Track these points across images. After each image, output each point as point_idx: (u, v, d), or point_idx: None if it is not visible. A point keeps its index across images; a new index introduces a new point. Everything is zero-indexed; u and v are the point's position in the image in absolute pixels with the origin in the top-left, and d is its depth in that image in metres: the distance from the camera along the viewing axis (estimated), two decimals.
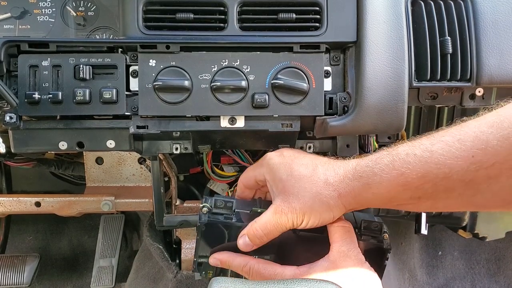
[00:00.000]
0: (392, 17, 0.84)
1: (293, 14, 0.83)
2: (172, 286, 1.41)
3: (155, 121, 0.85)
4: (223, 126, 0.85)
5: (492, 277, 1.85)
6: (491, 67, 0.86)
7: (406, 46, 0.84)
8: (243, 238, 0.78)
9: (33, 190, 1.62)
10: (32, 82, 0.83)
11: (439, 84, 0.88)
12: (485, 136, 0.60)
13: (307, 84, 0.83)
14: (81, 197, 1.38)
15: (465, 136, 0.62)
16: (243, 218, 0.80)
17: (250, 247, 0.77)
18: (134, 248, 1.83)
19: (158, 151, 0.98)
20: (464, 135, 0.62)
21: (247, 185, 0.86)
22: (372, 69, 0.82)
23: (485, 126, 0.60)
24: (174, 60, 0.82)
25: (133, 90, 0.84)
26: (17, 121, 0.83)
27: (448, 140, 0.63)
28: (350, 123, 0.83)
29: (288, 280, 0.65)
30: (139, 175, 1.43)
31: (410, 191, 0.67)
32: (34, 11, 0.92)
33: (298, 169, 0.75)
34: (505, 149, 0.58)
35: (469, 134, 0.61)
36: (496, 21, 0.87)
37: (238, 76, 0.82)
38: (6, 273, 1.49)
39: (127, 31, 0.83)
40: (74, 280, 1.85)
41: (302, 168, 0.75)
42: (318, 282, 0.65)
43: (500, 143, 0.58)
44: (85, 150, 0.89)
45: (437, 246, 1.88)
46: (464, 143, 0.61)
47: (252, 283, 0.65)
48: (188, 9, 0.83)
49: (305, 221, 0.73)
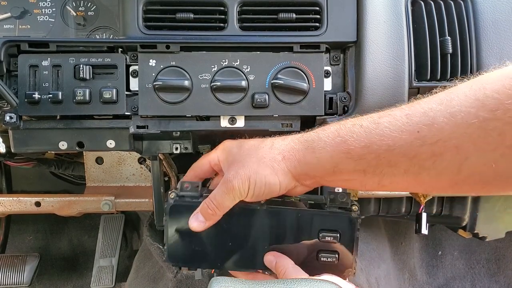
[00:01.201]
0: (392, 17, 0.84)
1: (293, 14, 0.83)
2: (172, 286, 1.41)
3: (155, 121, 0.85)
4: (223, 126, 0.85)
5: (492, 277, 1.85)
6: (491, 67, 0.86)
7: (406, 46, 0.84)
8: (196, 217, 0.76)
9: (33, 190, 1.62)
10: (32, 82, 0.83)
11: (439, 84, 0.88)
12: (432, 113, 0.60)
13: (307, 84, 0.83)
14: (81, 197, 1.38)
15: (414, 111, 0.62)
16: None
17: (203, 225, 0.76)
18: (134, 248, 1.83)
19: (158, 151, 0.98)
20: (413, 111, 0.62)
21: (199, 172, 0.84)
22: (372, 69, 0.82)
23: (435, 103, 0.60)
24: (174, 60, 0.83)
25: (133, 90, 0.84)
26: (17, 121, 0.83)
27: (396, 114, 0.64)
28: None
29: (288, 280, 0.65)
30: (139, 175, 1.43)
31: (353, 160, 0.66)
32: (34, 11, 0.92)
33: (248, 142, 0.77)
34: (451, 126, 0.58)
35: (417, 110, 0.61)
36: (496, 21, 0.87)
37: (238, 76, 0.82)
38: (6, 273, 1.49)
39: (127, 31, 0.83)
40: (74, 280, 1.85)
41: (252, 141, 0.77)
42: (318, 282, 0.65)
43: (447, 120, 0.58)
44: (85, 150, 0.89)
45: (437, 246, 1.88)
46: (411, 118, 0.62)
47: (252, 283, 0.65)
48: (188, 9, 0.83)
49: (251, 188, 0.72)
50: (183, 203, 0.80)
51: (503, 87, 0.55)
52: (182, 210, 0.79)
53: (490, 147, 0.56)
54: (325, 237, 0.78)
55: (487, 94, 0.56)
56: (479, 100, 0.56)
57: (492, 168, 0.57)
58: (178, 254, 0.81)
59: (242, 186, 0.72)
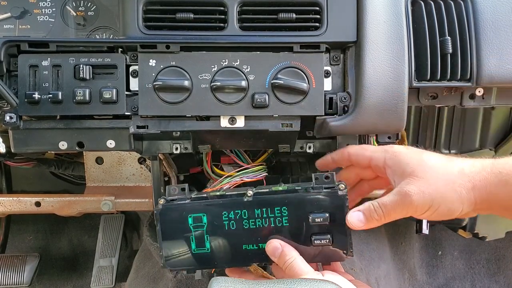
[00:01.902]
0: (392, 17, 0.84)
1: (293, 14, 0.83)
2: (172, 285, 1.41)
3: (155, 121, 0.85)
4: (223, 126, 0.85)
5: (492, 277, 1.85)
6: (491, 67, 0.86)
7: (406, 46, 0.84)
8: (357, 214, 0.74)
9: (33, 190, 1.62)
10: (32, 82, 0.83)
11: (439, 84, 0.88)
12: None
13: (307, 84, 0.83)
14: (81, 197, 1.38)
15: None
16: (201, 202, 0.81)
17: (361, 225, 0.74)
18: (134, 248, 1.83)
19: (158, 151, 0.98)
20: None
21: (355, 160, 0.82)
22: (372, 69, 0.82)
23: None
24: (174, 60, 0.82)
25: (133, 90, 0.84)
26: (17, 121, 0.83)
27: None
28: (350, 123, 0.83)
29: (288, 280, 0.65)
30: (139, 175, 1.43)
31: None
32: (34, 11, 0.92)
33: (429, 157, 0.73)
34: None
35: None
36: (496, 21, 0.87)
37: (238, 76, 0.82)
38: (6, 273, 1.49)
39: (127, 31, 0.83)
40: (74, 280, 1.85)
41: (434, 157, 0.73)
42: (318, 282, 0.65)
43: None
44: (85, 150, 0.89)
45: (437, 246, 1.88)
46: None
47: (252, 283, 0.65)
48: (188, 9, 0.83)
49: (432, 209, 0.69)
50: (172, 206, 0.80)
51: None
52: (172, 213, 0.80)
53: None
54: (315, 219, 0.78)
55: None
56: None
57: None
58: (175, 259, 0.82)
59: (422, 205, 0.69)
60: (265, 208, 0.79)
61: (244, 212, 0.80)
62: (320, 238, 0.78)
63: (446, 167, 0.71)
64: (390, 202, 0.71)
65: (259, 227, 0.80)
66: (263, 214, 0.79)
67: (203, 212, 0.81)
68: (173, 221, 0.81)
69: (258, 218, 0.80)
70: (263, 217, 0.80)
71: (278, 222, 0.79)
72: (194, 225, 0.81)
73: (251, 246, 0.81)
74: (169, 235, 0.81)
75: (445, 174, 0.70)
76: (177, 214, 0.81)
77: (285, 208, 0.79)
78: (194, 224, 0.81)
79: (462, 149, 1.26)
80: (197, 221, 0.81)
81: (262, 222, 0.80)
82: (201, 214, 0.81)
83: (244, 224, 0.80)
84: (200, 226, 0.81)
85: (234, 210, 0.80)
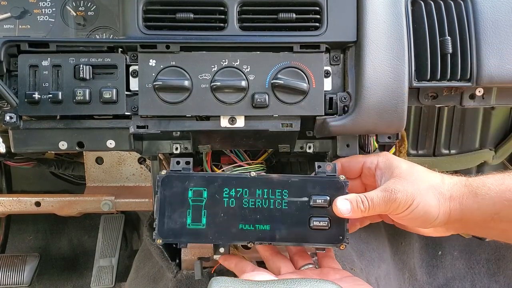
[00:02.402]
0: (392, 17, 0.84)
1: (293, 14, 0.83)
2: (172, 286, 1.41)
3: (155, 121, 0.85)
4: (223, 126, 0.85)
5: (492, 277, 1.85)
6: (491, 67, 0.86)
7: (406, 46, 0.84)
8: (346, 203, 0.78)
9: (33, 190, 1.62)
10: (32, 82, 0.83)
11: (439, 84, 0.88)
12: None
13: (307, 84, 0.83)
14: (81, 197, 1.38)
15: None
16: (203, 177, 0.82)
17: (346, 213, 0.77)
18: (134, 248, 1.83)
19: (158, 151, 0.98)
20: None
21: (347, 168, 0.87)
22: (372, 69, 0.82)
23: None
24: (174, 60, 0.82)
25: (133, 90, 0.84)
26: (17, 121, 0.83)
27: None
28: (350, 123, 0.83)
29: (288, 280, 0.65)
30: (139, 175, 1.43)
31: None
32: (34, 11, 0.92)
33: (416, 166, 0.80)
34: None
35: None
36: (496, 21, 0.87)
37: (238, 76, 0.82)
38: (6, 273, 1.49)
39: (127, 31, 0.83)
40: (74, 280, 1.85)
41: (421, 167, 0.79)
42: (318, 282, 0.65)
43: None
44: (85, 150, 0.89)
45: (437, 246, 1.88)
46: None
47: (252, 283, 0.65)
48: (188, 9, 0.83)
49: (411, 208, 0.74)
50: (176, 174, 0.81)
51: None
52: (175, 182, 0.81)
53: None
54: (316, 201, 0.81)
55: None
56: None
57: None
58: (168, 229, 0.81)
59: (404, 202, 0.74)
60: (266, 189, 0.81)
61: (246, 190, 0.81)
62: (319, 220, 0.81)
63: (429, 175, 0.78)
64: (377, 197, 0.76)
65: (258, 207, 0.81)
66: (264, 195, 0.81)
67: (205, 186, 0.82)
68: (173, 192, 0.81)
69: (258, 198, 0.81)
70: (264, 197, 0.81)
71: (278, 205, 0.81)
72: (193, 199, 0.81)
73: (247, 226, 0.81)
74: (166, 206, 0.81)
75: (428, 180, 0.76)
76: (179, 185, 0.81)
77: (286, 191, 0.81)
78: (193, 198, 0.81)
79: (462, 149, 1.26)
80: (197, 195, 0.81)
81: (262, 203, 0.81)
82: (202, 188, 0.81)
83: (244, 203, 0.81)
84: (199, 201, 0.81)
85: (236, 188, 0.81)
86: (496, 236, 0.78)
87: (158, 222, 0.81)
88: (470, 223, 0.74)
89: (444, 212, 0.74)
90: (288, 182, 0.81)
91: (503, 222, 0.70)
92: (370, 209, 0.76)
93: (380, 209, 0.76)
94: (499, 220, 0.70)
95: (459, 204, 0.73)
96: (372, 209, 0.76)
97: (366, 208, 0.76)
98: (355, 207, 0.77)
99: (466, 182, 0.74)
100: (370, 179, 0.85)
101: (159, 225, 0.81)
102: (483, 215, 0.71)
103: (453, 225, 0.77)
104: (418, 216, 0.74)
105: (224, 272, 1.35)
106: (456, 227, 0.78)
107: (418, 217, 0.74)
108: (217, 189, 0.81)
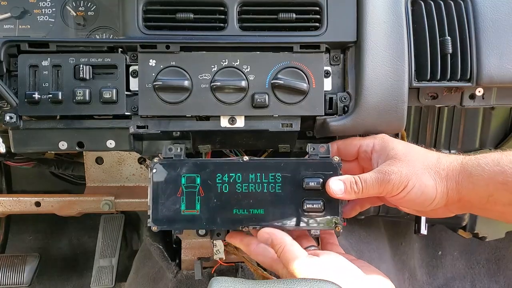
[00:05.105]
0: (392, 17, 0.84)
1: (293, 14, 0.83)
2: (172, 286, 1.41)
3: (155, 121, 0.85)
4: (223, 126, 0.85)
5: (492, 277, 1.85)
6: (491, 67, 0.86)
7: (406, 46, 0.84)
8: (339, 183, 0.77)
9: (33, 190, 1.62)
10: (32, 82, 0.83)
11: (439, 84, 0.88)
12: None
13: (307, 84, 0.83)
14: (81, 197, 1.38)
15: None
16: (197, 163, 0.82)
17: (340, 193, 0.77)
18: (134, 248, 1.82)
19: (158, 151, 0.98)
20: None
21: (343, 151, 0.86)
22: (372, 69, 0.82)
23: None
24: (174, 60, 0.82)
25: (133, 90, 0.84)
26: (17, 121, 0.83)
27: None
28: (350, 123, 0.83)
29: (288, 280, 0.65)
30: (139, 175, 1.43)
31: (509, 193, 0.66)
32: (34, 11, 0.92)
33: (414, 146, 0.79)
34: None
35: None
36: (496, 21, 0.87)
37: (238, 76, 0.82)
38: (6, 273, 1.49)
39: (127, 31, 0.83)
40: (74, 280, 1.85)
41: (417, 147, 0.78)
42: (318, 282, 0.65)
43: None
44: (85, 150, 0.90)
45: (437, 246, 1.88)
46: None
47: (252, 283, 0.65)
48: (188, 9, 0.83)
49: (406, 189, 0.73)
50: (169, 161, 0.81)
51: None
52: (167, 169, 0.81)
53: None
54: (309, 183, 0.80)
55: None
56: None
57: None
58: (163, 217, 0.81)
59: (398, 184, 0.73)
60: (259, 173, 0.81)
61: (239, 175, 0.81)
62: (312, 203, 0.80)
63: (425, 155, 0.76)
64: (370, 179, 0.75)
65: (251, 191, 0.81)
66: (257, 179, 0.81)
67: (197, 172, 0.81)
68: (167, 179, 0.81)
69: (251, 183, 0.81)
70: (257, 181, 0.81)
71: (271, 188, 0.81)
72: (187, 185, 0.81)
73: (241, 211, 0.81)
74: (160, 193, 0.81)
75: (424, 160, 0.75)
76: (172, 172, 0.81)
77: (279, 175, 0.81)
78: (186, 184, 0.81)
79: (462, 149, 1.26)
80: (190, 181, 0.81)
81: (255, 187, 0.81)
82: (195, 174, 0.81)
83: (237, 188, 0.81)
84: (193, 187, 0.81)
85: (228, 173, 0.81)
86: (496, 217, 0.76)
87: (152, 210, 0.81)
88: (468, 204, 0.73)
89: (441, 192, 0.72)
90: (281, 165, 0.81)
91: (498, 205, 0.69)
92: (364, 191, 0.75)
93: (374, 191, 0.75)
94: (494, 202, 0.69)
95: (455, 183, 0.72)
96: (365, 190, 0.75)
97: (360, 189, 0.75)
98: (348, 187, 0.76)
99: (463, 161, 0.72)
100: (367, 162, 0.84)
101: (153, 213, 0.81)
102: (478, 196, 0.70)
103: (453, 206, 0.75)
104: (416, 198, 0.73)
105: (224, 272, 1.36)
106: (457, 207, 0.76)
107: (415, 199, 0.73)
108: (210, 174, 0.81)
